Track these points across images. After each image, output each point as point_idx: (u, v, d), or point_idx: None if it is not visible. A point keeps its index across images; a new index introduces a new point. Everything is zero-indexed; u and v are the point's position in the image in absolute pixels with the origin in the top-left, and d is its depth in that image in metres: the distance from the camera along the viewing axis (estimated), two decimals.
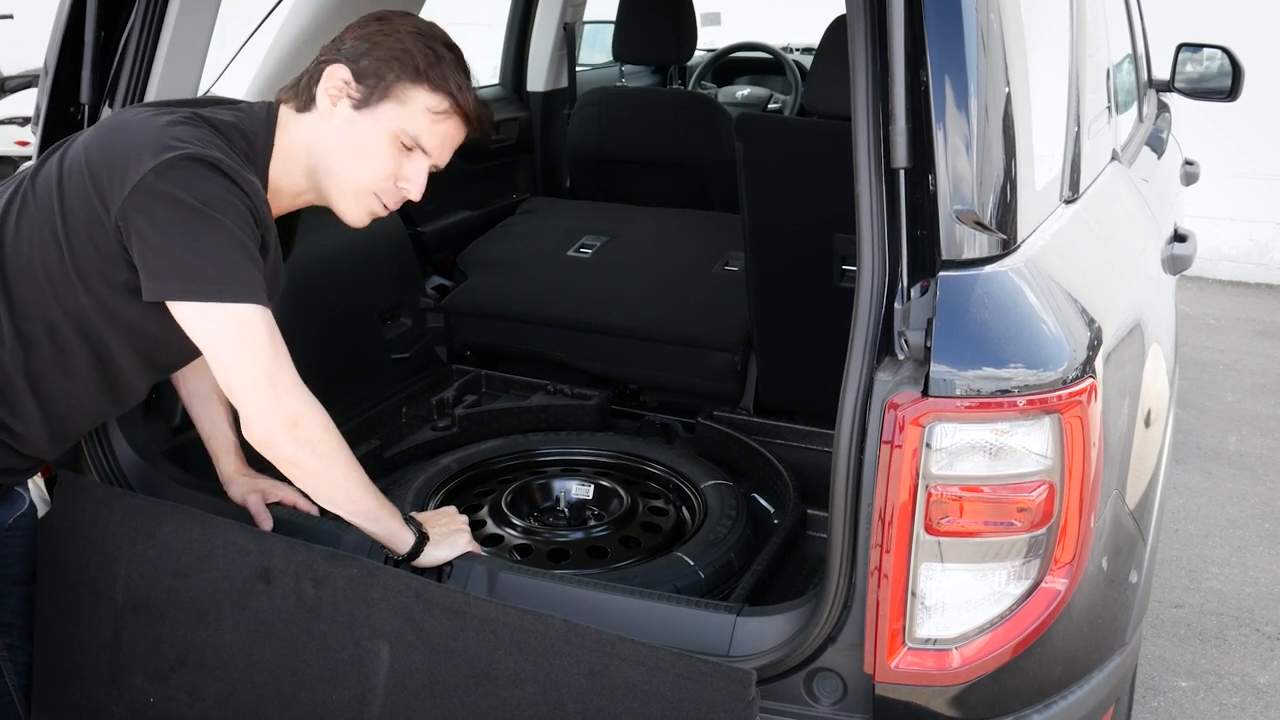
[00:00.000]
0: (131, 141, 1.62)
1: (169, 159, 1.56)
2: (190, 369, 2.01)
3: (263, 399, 1.60)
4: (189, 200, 1.54)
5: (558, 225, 3.46)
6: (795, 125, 3.08)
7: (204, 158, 1.58)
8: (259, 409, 1.61)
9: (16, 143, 7.99)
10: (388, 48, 1.68)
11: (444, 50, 1.72)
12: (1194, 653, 3.12)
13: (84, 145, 1.68)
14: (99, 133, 1.70)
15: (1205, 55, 3.80)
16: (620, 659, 1.59)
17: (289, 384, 1.62)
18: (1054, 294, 1.56)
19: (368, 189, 1.74)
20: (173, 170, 1.55)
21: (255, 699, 1.78)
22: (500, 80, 4.16)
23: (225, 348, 1.60)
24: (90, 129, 1.75)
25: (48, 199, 1.66)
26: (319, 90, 1.70)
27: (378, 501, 1.74)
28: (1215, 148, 5.81)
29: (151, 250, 1.56)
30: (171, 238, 1.55)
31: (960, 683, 1.56)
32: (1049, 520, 1.51)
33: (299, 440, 1.63)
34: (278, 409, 1.61)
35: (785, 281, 2.59)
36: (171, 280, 1.56)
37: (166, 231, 1.55)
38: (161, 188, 1.55)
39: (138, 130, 1.64)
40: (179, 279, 1.56)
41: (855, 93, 1.55)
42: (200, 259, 1.55)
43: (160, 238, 1.55)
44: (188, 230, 1.55)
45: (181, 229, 1.55)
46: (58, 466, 2.02)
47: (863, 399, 1.51)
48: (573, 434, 2.64)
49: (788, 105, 5.14)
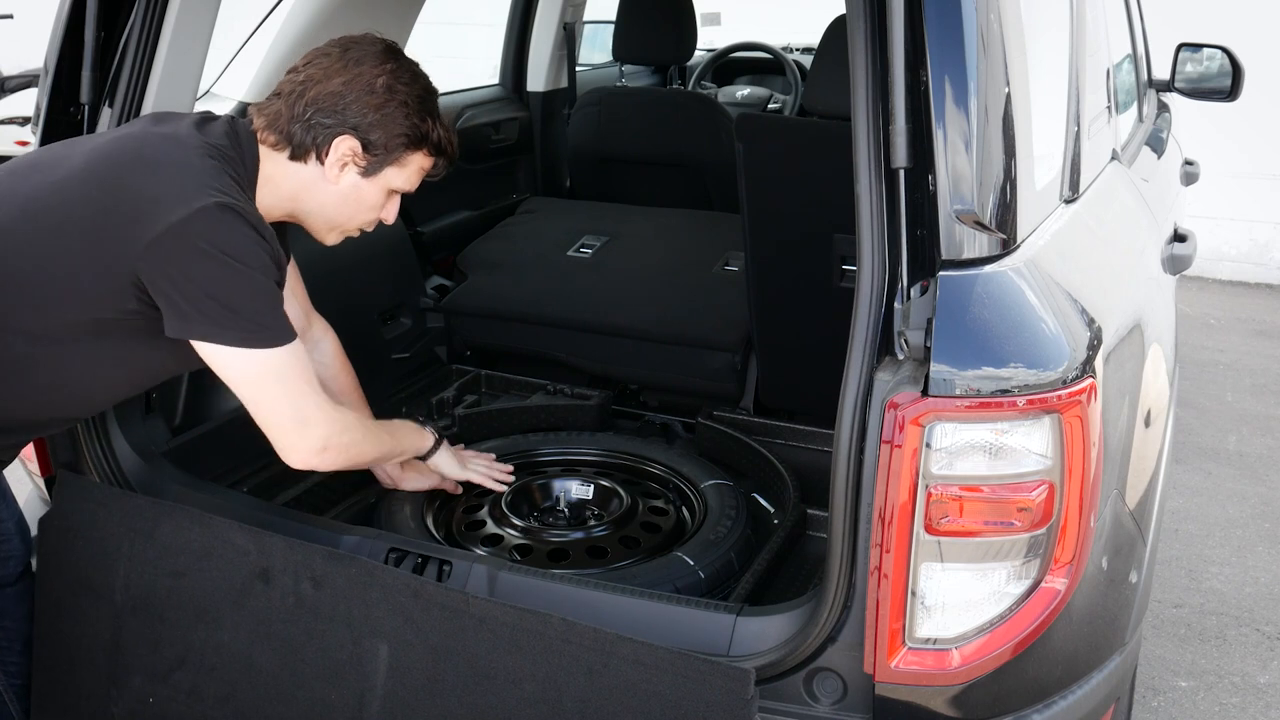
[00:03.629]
0: (157, 181, 1.64)
1: (199, 209, 1.60)
2: None
3: (291, 436, 1.73)
4: (218, 253, 1.60)
5: (558, 225, 3.46)
6: (795, 125, 3.08)
7: (232, 208, 1.63)
8: (289, 445, 1.73)
9: (16, 143, 7.99)
10: (396, 122, 1.77)
11: (432, 104, 1.83)
12: (1194, 653, 3.12)
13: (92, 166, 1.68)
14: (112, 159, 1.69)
15: (1205, 55, 3.79)
16: (619, 658, 1.59)
17: (314, 414, 1.73)
18: (1054, 294, 1.56)
19: (354, 227, 1.90)
20: (203, 220, 1.60)
21: (254, 698, 1.78)
22: (500, 80, 4.15)
23: (253, 389, 1.70)
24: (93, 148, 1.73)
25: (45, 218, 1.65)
26: (328, 158, 1.77)
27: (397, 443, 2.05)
28: (1215, 148, 5.81)
29: (182, 295, 1.61)
30: (201, 285, 1.61)
31: (960, 682, 1.55)
32: (1049, 520, 1.51)
33: (329, 460, 1.78)
34: (305, 443, 1.73)
35: (785, 281, 2.59)
36: (201, 323, 1.63)
37: (195, 278, 1.61)
38: (191, 239, 1.60)
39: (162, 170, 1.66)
40: (210, 323, 1.63)
41: (855, 93, 1.55)
42: (232, 308, 1.63)
43: (189, 283, 1.61)
44: (217, 279, 1.62)
45: (210, 278, 1.61)
46: (56, 466, 2.02)
47: (863, 399, 1.51)
48: (573, 434, 2.64)
49: (788, 105, 5.13)
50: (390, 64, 1.78)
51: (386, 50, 1.81)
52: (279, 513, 1.99)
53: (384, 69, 1.77)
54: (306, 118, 1.75)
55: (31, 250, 1.65)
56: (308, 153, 1.77)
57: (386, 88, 1.76)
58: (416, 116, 1.78)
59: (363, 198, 1.83)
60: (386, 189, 1.84)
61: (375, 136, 1.76)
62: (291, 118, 1.75)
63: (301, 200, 1.82)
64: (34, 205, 1.67)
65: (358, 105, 1.75)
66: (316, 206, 1.83)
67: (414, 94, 1.79)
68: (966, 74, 1.47)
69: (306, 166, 1.78)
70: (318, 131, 1.75)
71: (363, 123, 1.75)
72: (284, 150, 1.77)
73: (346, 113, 1.75)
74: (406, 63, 1.82)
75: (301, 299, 2.13)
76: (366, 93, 1.75)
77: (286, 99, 1.77)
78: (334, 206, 1.83)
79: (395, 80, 1.77)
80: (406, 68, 1.81)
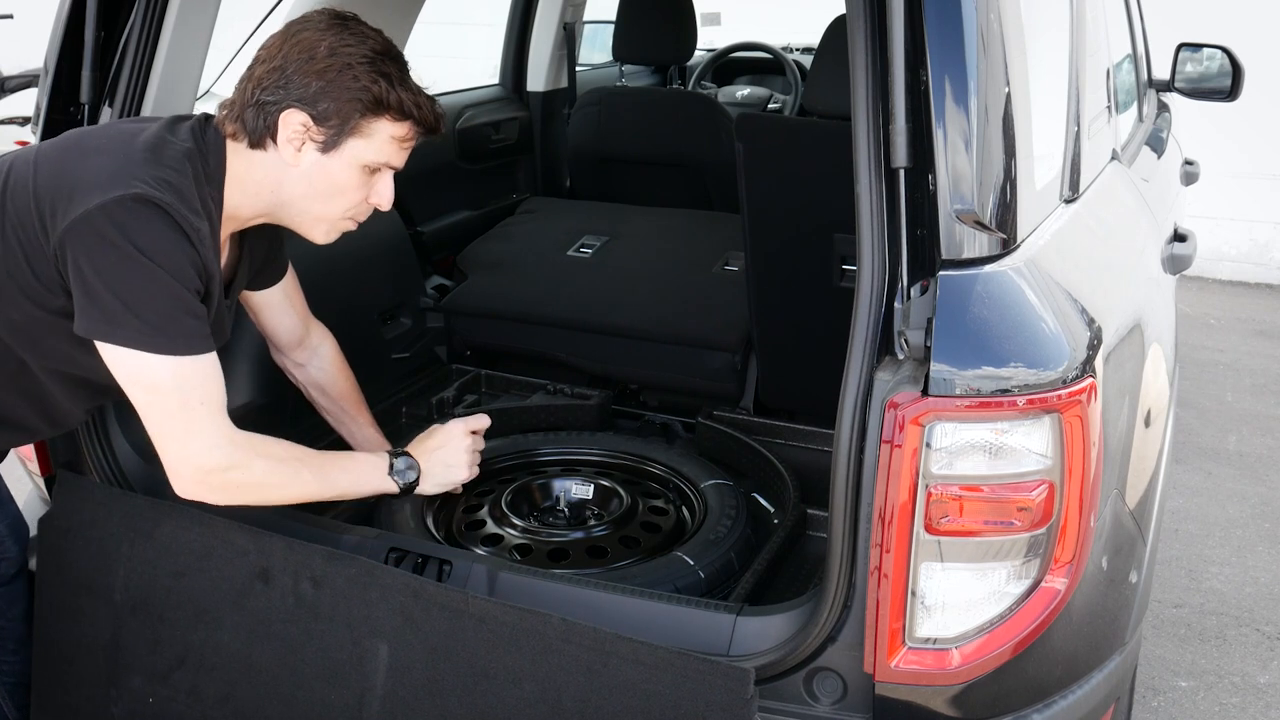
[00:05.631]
0: (85, 168, 1.59)
1: (117, 197, 1.53)
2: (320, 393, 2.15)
3: (172, 454, 1.63)
4: (125, 245, 1.53)
5: (558, 225, 3.46)
6: (795, 125, 3.08)
7: (154, 200, 1.55)
8: (170, 462, 1.64)
9: (16, 143, 7.97)
10: (343, 86, 1.63)
11: (390, 67, 1.67)
12: (1194, 653, 3.12)
13: (35, 161, 1.65)
14: (55, 150, 1.67)
15: (1205, 55, 3.79)
16: (618, 658, 1.59)
17: (199, 440, 1.62)
18: (1054, 293, 1.56)
19: (341, 217, 1.76)
20: (118, 210, 1.53)
21: (254, 698, 1.78)
22: (500, 80, 4.15)
23: (139, 395, 1.61)
24: (50, 142, 1.72)
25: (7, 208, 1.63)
26: (279, 138, 1.66)
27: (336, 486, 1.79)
28: (1215, 148, 5.81)
29: (83, 286, 1.55)
30: (103, 278, 1.54)
31: (960, 682, 1.55)
32: (1049, 520, 1.51)
33: (215, 490, 1.66)
34: (186, 466, 1.63)
35: (785, 281, 2.59)
36: (97, 320, 1.55)
37: (100, 270, 1.54)
38: (101, 226, 1.53)
39: (95, 158, 1.61)
40: (104, 320, 1.55)
41: (855, 93, 1.55)
42: (127, 305, 1.54)
43: (94, 277, 1.54)
44: (119, 274, 1.54)
45: (113, 271, 1.54)
46: (56, 466, 2.02)
47: (863, 398, 1.51)
48: (573, 434, 2.64)
49: (788, 105, 5.13)
50: (335, 29, 1.65)
51: (334, 18, 1.67)
52: (279, 513, 1.99)
53: (327, 34, 1.64)
54: (255, 100, 1.65)
55: None
56: (263, 137, 1.65)
57: (329, 51, 1.62)
58: (367, 79, 1.62)
59: (332, 178, 1.68)
60: (358, 165, 1.68)
61: (324, 106, 1.63)
62: (244, 104, 1.66)
63: (272, 193, 1.71)
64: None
65: (299, 75, 1.62)
66: (289, 198, 1.71)
67: (361, 54, 1.63)
68: (966, 74, 1.47)
69: (267, 154, 1.67)
70: (265, 111, 1.64)
71: (307, 93, 1.62)
72: (243, 140, 1.67)
73: (289, 86, 1.63)
74: (357, 28, 1.67)
75: (299, 306, 2.08)
76: (307, 60, 1.62)
77: (239, 87, 1.69)
78: (305, 193, 1.70)
79: (339, 43, 1.63)
80: (355, 31, 1.66)
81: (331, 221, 1.76)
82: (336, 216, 1.75)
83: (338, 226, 1.77)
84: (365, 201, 1.75)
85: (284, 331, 2.09)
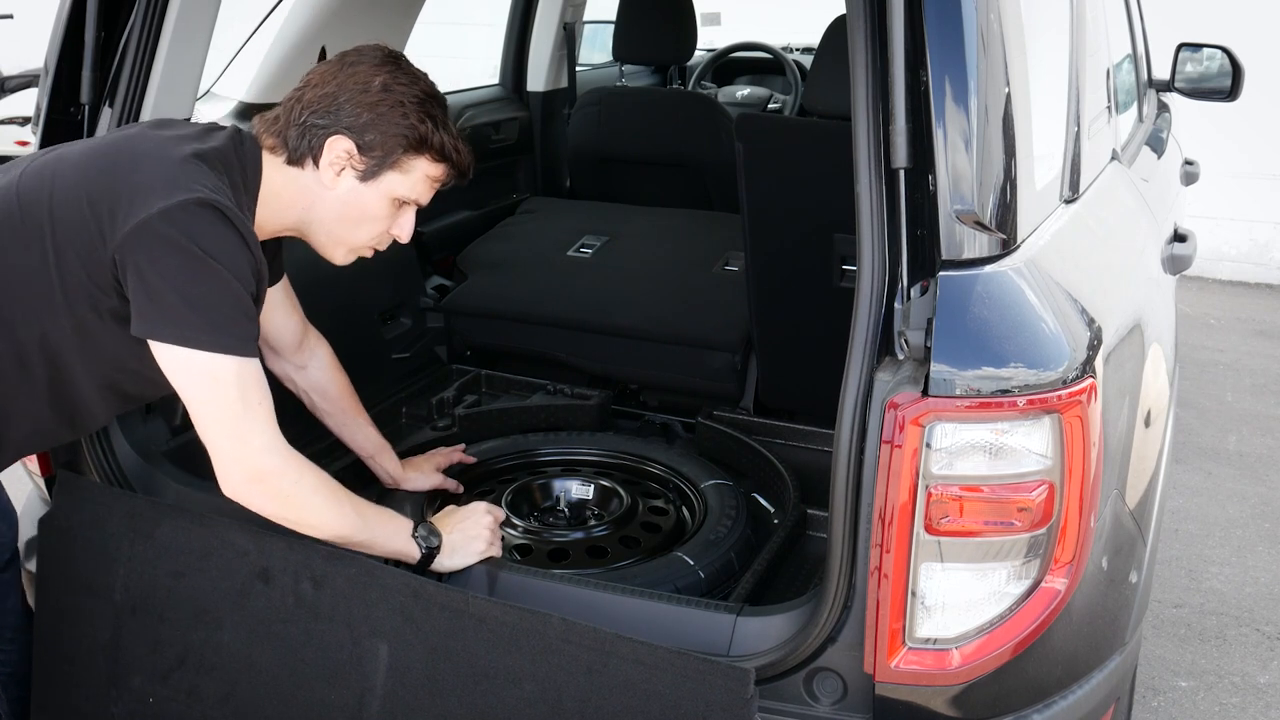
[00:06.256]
0: (141, 173, 1.62)
1: (180, 201, 1.57)
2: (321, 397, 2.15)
3: (227, 454, 1.64)
4: (191, 248, 1.56)
5: (558, 225, 3.46)
6: (795, 125, 3.08)
7: (214, 204, 1.59)
8: (223, 461, 1.65)
9: (16, 143, 7.99)
10: (392, 122, 1.70)
11: (437, 110, 1.75)
12: (1194, 653, 3.12)
13: (83, 165, 1.68)
14: (103, 154, 1.70)
15: (1205, 55, 3.79)
16: (618, 657, 1.59)
17: (257, 440, 1.64)
18: (1054, 294, 1.56)
19: (364, 244, 1.83)
20: (181, 214, 1.57)
21: (254, 699, 1.78)
22: (500, 80, 4.15)
23: (197, 396, 1.63)
24: (86, 146, 1.75)
25: (37, 214, 1.65)
26: (322, 160, 1.72)
27: (369, 530, 1.75)
28: (1215, 148, 5.81)
29: (146, 288, 1.58)
30: (167, 280, 1.57)
31: (960, 682, 1.56)
32: (1049, 520, 1.51)
33: (264, 494, 1.66)
34: (240, 466, 1.64)
35: (785, 281, 2.59)
36: (158, 321, 1.58)
37: (163, 274, 1.57)
38: (165, 230, 1.56)
39: (147, 163, 1.64)
40: (166, 322, 1.58)
41: (855, 93, 1.55)
42: (190, 306, 1.57)
43: (157, 278, 1.57)
44: (184, 276, 1.57)
45: (178, 273, 1.57)
46: (56, 466, 2.02)
47: (863, 399, 1.51)
48: (573, 434, 2.64)
49: (788, 105, 5.13)
50: (389, 66, 1.74)
51: (387, 55, 1.76)
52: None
53: (381, 70, 1.73)
54: (302, 121, 1.72)
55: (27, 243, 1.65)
56: (304, 157, 1.73)
57: (382, 86, 1.71)
58: (415, 117, 1.71)
59: (364, 206, 1.76)
60: (390, 197, 1.76)
61: (370, 137, 1.70)
62: (288, 123, 1.73)
63: (303, 210, 1.77)
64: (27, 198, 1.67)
65: (351, 105, 1.70)
66: (318, 217, 1.77)
67: (412, 95, 1.72)
68: (966, 74, 1.47)
69: (304, 172, 1.74)
70: (312, 133, 1.71)
71: (357, 123, 1.70)
72: (282, 155, 1.74)
73: (340, 112, 1.70)
74: (409, 67, 1.77)
75: (297, 311, 2.11)
76: (361, 91, 1.70)
77: (285, 106, 1.75)
78: (336, 216, 1.77)
79: (392, 80, 1.72)
80: (407, 71, 1.75)
81: (352, 246, 1.83)
82: (360, 243, 1.82)
83: (357, 251, 1.84)
84: (387, 232, 1.82)
85: (287, 332, 2.10)
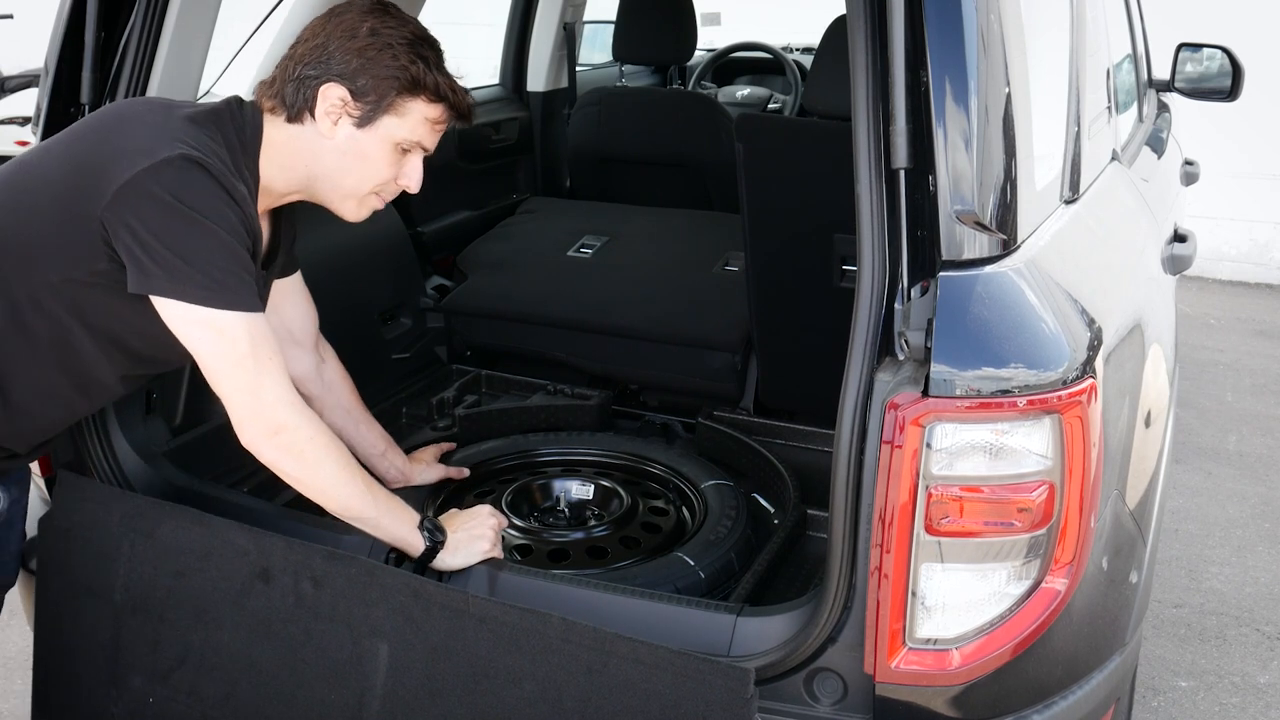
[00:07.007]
0: (127, 137, 1.63)
1: (166, 158, 1.57)
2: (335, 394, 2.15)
3: (244, 407, 1.65)
4: (177, 205, 1.56)
5: (558, 225, 3.46)
6: (795, 125, 3.08)
7: (200, 161, 1.59)
8: (241, 415, 1.65)
9: (16, 143, 7.99)
10: (383, 65, 1.69)
11: (429, 51, 1.74)
12: (1194, 653, 3.12)
13: (75, 131, 1.70)
14: (92, 123, 1.72)
15: (1205, 55, 3.79)
16: (618, 657, 1.59)
17: (272, 393, 1.64)
18: (1054, 294, 1.56)
19: (371, 192, 1.80)
20: (168, 169, 1.57)
21: (254, 698, 1.78)
22: (500, 80, 4.15)
23: (209, 352, 1.63)
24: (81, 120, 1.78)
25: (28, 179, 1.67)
26: (318, 111, 1.72)
27: (377, 508, 1.76)
28: (1215, 148, 5.81)
29: (141, 246, 1.57)
30: (162, 237, 1.57)
31: (960, 683, 1.55)
32: (1049, 520, 1.51)
33: (280, 448, 1.66)
34: (258, 419, 1.65)
35: (785, 281, 2.59)
36: (159, 277, 1.58)
37: (155, 231, 1.57)
38: (153, 188, 1.56)
39: (134, 126, 1.65)
40: (167, 277, 1.57)
41: (855, 93, 1.55)
42: (189, 261, 1.57)
43: (150, 236, 1.57)
44: (178, 232, 1.57)
45: (171, 230, 1.57)
46: (56, 466, 2.02)
47: (863, 399, 1.51)
48: (573, 434, 2.64)
49: (788, 105, 5.13)
50: (376, 11, 1.72)
51: (374, 2, 1.75)
52: (279, 513, 1.99)
53: (369, 16, 1.71)
54: (296, 75, 1.72)
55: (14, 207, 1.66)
56: (301, 111, 1.72)
57: (370, 31, 1.69)
58: (405, 59, 1.69)
59: (365, 152, 1.74)
60: (390, 142, 1.74)
61: (362, 82, 1.69)
62: (284, 81, 1.73)
63: (307, 165, 1.76)
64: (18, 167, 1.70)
65: (340, 52, 1.69)
66: (322, 171, 1.76)
67: (401, 36, 1.70)
68: (966, 74, 1.47)
69: (304, 127, 1.73)
70: (305, 85, 1.70)
71: (348, 69, 1.69)
72: (282, 114, 1.73)
73: (331, 61, 1.69)
74: (397, 12, 1.74)
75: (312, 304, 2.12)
76: (349, 38, 1.69)
77: (280, 65, 1.76)
78: (338, 167, 1.75)
79: (380, 24, 1.70)
80: (395, 15, 1.73)
81: (360, 197, 1.80)
82: (365, 191, 1.79)
83: (366, 203, 1.81)
84: (394, 181, 1.80)
85: (308, 322, 2.12)
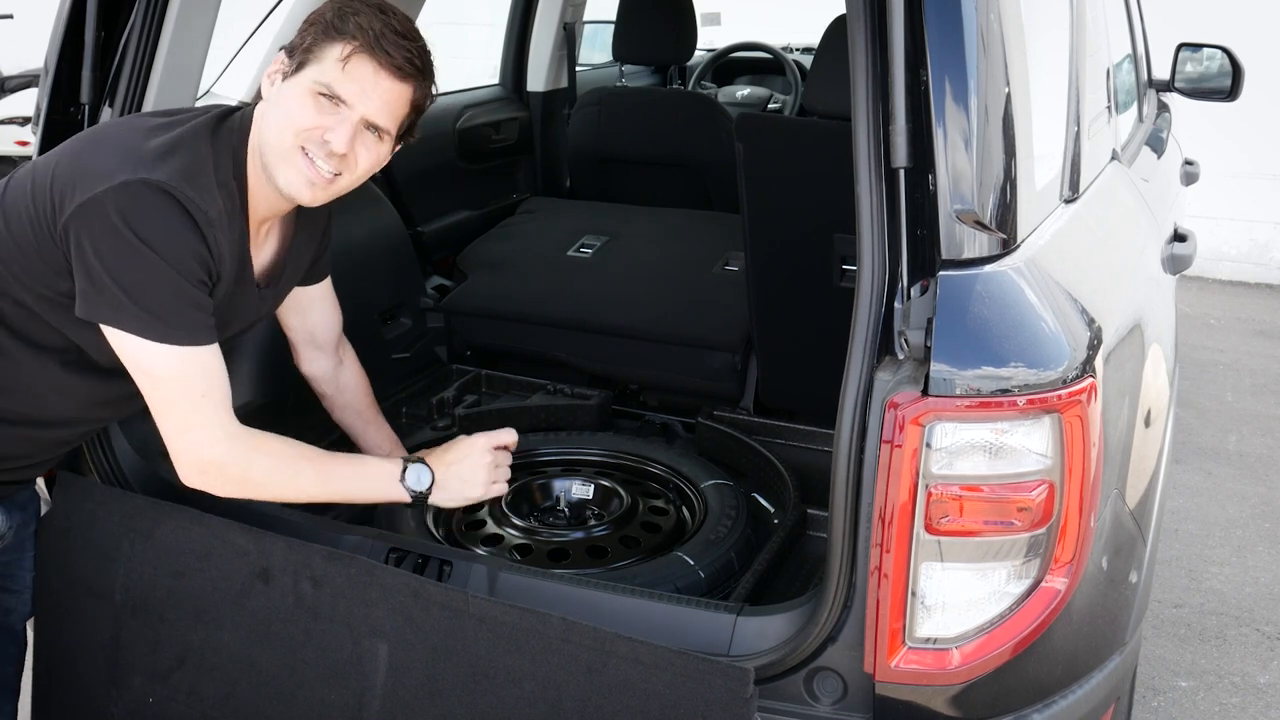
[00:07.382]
0: (97, 157, 1.62)
1: (123, 182, 1.55)
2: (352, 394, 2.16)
3: (172, 443, 1.65)
4: (126, 233, 1.54)
5: (558, 225, 3.46)
6: (795, 125, 3.08)
7: (161, 186, 1.56)
8: (172, 448, 1.66)
9: (16, 142, 8.00)
10: (312, 22, 1.66)
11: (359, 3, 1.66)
12: (1194, 653, 3.12)
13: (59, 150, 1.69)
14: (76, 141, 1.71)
15: (1205, 55, 3.80)
16: (618, 657, 1.59)
17: (201, 432, 1.64)
18: (1054, 293, 1.56)
19: (293, 145, 1.66)
20: (123, 195, 1.55)
21: (254, 698, 1.78)
22: (500, 80, 4.16)
23: (142, 381, 1.64)
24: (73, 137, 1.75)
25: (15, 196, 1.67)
26: (263, 79, 1.71)
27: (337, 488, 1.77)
28: (1215, 148, 5.81)
29: (86, 270, 1.57)
30: (105, 264, 1.56)
31: (960, 682, 1.55)
32: (1049, 520, 1.51)
33: (213, 483, 1.68)
34: (187, 457, 1.65)
35: (785, 281, 2.59)
36: (100, 304, 1.57)
37: (102, 256, 1.56)
38: (105, 212, 1.55)
39: (106, 146, 1.64)
40: (107, 305, 1.57)
41: (855, 93, 1.55)
42: (127, 291, 1.56)
43: (96, 260, 1.56)
44: (121, 261, 1.56)
45: (115, 258, 1.56)
46: (56, 466, 2.02)
47: (863, 398, 1.51)
48: (573, 434, 2.64)
49: (788, 105, 5.13)
50: None
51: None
52: (279, 513, 1.99)
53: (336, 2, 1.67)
54: None
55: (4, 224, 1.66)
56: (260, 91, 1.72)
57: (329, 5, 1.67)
58: (331, 11, 1.65)
59: (285, 101, 1.66)
60: (308, 89, 1.64)
61: (294, 40, 1.68)
62: None
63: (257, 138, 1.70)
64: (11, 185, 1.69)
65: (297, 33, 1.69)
66: (261, 138, 1.69)
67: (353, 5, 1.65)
68: (966, 74, 1.47)
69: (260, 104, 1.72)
70: None
71: (296, 40, 1.68)
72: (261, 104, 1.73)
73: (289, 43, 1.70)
74: None
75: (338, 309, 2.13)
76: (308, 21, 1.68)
77: None
78: (269, 126, 1.68)
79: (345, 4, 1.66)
80: None
81: (286, 152, 1.66)
82: (289, 144, 1.66)
83: (296, 164, 1.67)
84: (322, 137, 1.65)
85: (334, 326, 2.13)
